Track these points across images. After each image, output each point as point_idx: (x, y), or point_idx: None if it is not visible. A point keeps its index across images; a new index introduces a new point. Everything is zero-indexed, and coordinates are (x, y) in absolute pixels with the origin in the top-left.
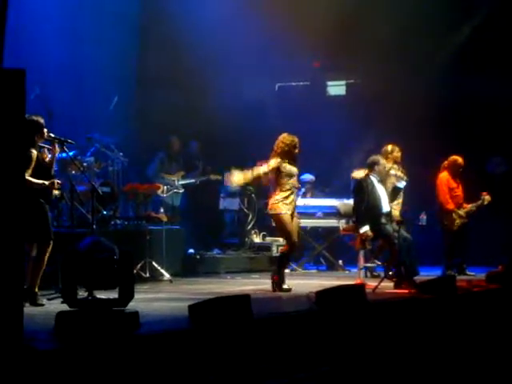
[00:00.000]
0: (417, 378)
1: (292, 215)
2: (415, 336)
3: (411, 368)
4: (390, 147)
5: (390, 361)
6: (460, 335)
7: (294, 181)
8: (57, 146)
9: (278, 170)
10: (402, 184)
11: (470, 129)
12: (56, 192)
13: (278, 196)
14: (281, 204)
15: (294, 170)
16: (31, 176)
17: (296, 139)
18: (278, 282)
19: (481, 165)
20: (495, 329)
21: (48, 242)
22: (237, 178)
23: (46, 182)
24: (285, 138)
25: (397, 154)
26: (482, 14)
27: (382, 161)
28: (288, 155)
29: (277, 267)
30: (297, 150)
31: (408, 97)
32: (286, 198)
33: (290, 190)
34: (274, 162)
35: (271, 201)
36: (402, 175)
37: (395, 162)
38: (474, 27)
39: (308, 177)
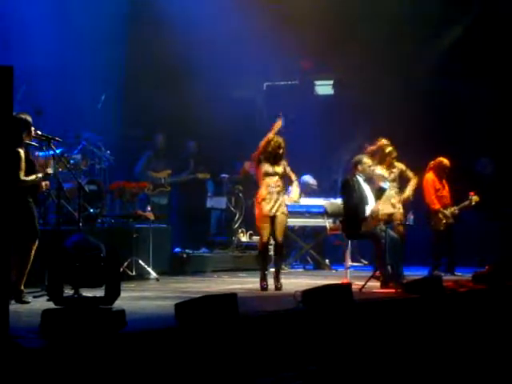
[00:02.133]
0: (403, 376)
1: (272, 216)
2: (401, 335)
3: (397, 367)
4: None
5: (376, 360)
6: (446, 335)
7: (272, 181)
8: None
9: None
10: (386, 184)
11: (459, 129)
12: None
13: (258, 195)
14: (257, 204)
15: (271, 169)
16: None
17: (280, 140)
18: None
19: (469, 166)
20: (481, 329)
21: (34, 240)
22: None
23: (40, 175)
24: (264, 140)
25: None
26: (471, 16)
27: (366, 160)
28: (270, 155)
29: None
30: (281, 151)
31: (396, 97)
32: (264, 198)
33: (265, 189)
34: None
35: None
36: (387, 176)
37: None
38: (463, 28)
39: (307, 179)
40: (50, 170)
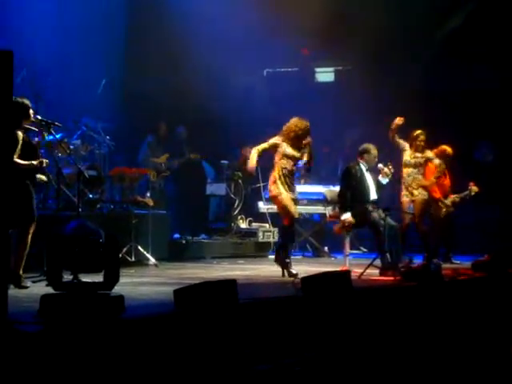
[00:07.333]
0: (401, 364)
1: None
2: (400, 323)
3: (395, 354)
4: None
5: (375, 347)
6: (445, 323)
7: (289, 164)
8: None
9: (276, 150)
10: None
11: (459, 117)
12: (42, 177)
13: (273, 177)
14: (275, 185)
15: (291, 153)
16: (19, 158)
17: (308, 125)
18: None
19: (469, 153)
20: (480, 317)
21: (31, 223)
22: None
23: (35, 162)
24: (299, 122)
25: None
26: (473, 1)
27: (374, 151)
28: (295, 140)
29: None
30: (309, 138)
31: (396, 84)
32: (279, 178)
33: (282, 170)
34: (273, 139)
35: (270, 183)
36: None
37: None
38: (465, 15)
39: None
40: (45, 161)
